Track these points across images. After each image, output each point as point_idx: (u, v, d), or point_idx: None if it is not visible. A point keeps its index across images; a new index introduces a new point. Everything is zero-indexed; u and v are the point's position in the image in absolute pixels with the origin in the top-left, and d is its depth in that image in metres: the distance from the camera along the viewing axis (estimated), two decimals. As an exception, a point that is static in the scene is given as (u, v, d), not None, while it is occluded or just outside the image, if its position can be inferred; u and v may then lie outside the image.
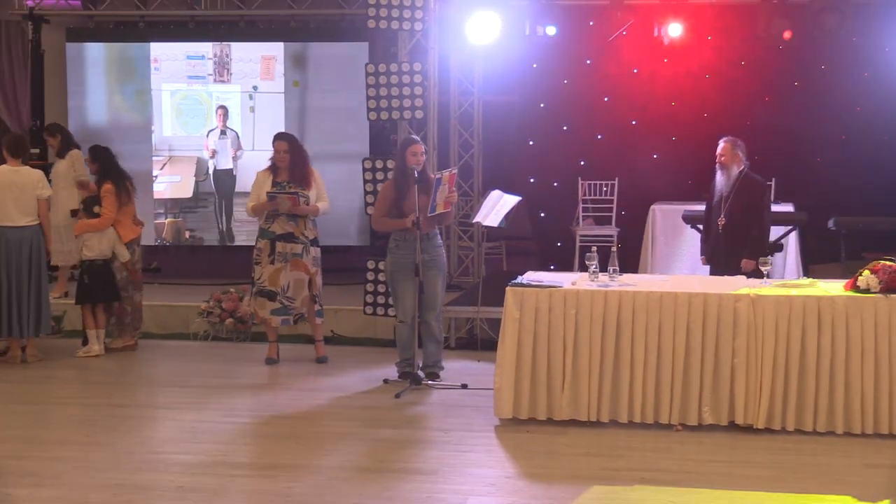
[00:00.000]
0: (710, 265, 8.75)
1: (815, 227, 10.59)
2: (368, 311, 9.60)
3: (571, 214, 12.22)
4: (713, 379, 6.76)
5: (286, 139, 8.87)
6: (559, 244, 12.61)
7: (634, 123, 12.68)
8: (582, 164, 12.54)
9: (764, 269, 7.20)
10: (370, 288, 9.53)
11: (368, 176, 9.63)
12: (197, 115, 12.54)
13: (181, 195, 12.52)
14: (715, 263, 8.58)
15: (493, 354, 7.20)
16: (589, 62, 12.58)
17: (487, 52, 11.09)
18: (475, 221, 9.39)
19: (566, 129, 12.72)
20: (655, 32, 10.48)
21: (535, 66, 12.39)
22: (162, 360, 9.17)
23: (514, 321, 6.91)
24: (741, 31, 11.08)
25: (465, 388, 7.92)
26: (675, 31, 10.32)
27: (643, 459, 6.22)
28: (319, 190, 8.81)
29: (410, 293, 7.98)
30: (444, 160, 11.26)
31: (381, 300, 9.47)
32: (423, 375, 8.01)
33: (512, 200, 8.61)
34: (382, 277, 9.23)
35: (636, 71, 12.56)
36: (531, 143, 12.88)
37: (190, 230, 12.57)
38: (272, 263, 8.69)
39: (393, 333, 8.70)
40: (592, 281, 7.15)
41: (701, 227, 10.15)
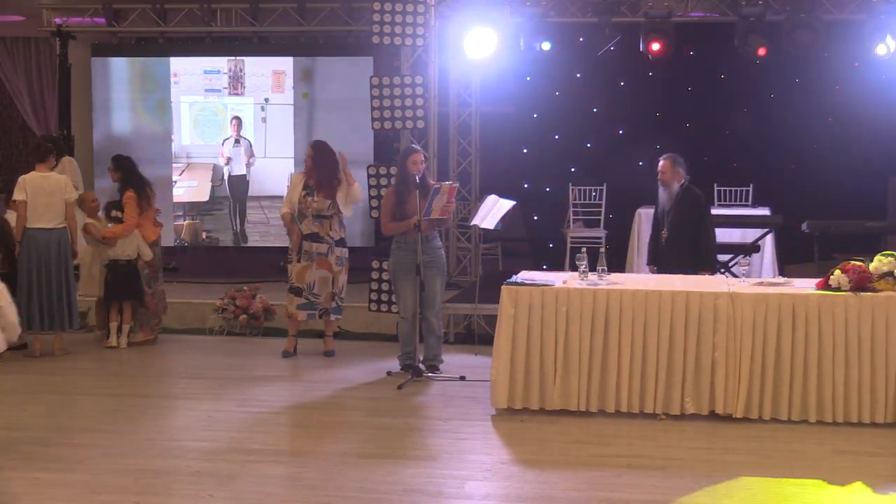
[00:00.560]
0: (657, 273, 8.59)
1: (789, 229, 10.60)
2: (373, 307, 9.59)
3: (562, 217, 12.22)
4: (695, 371, 6.76)
5: (312, 146, 8.91)
6: (551, 245, 12.61)
7: (621, 133, 12.68)
8: (572, 170, 12.55)
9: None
10: (374, 286, 9.52)
11: (373, 182, 9.63)
12: (213, 125, 12.56)
13: (198, 199, 12.55)
14: (661, 272, 8.39)
15: (489, 348, 7.22)
16: (579, 75, 12.57)
17: (484, 66, 11.09)
18: (473, 224, 9.38)
19: (558, 137, 12.72)
20: (641, 48, 10.46)
21: (528, 79, 12.38)
22: (180, 353, 9.17)
23: (509, 317, 6.90)
24: (721, 46, 11.07)
25: (463, 379, 7.92)
26: (656, 48, 10.31)
27: (629, 446, 6.21)
28: (347, 195, 8.66)
29: (412, 291, 7.98)
30: (443, 167, 11.26)
31: (384, 298, 9.46)
32: (423, 368, 8.01)
33: (507, 204, 8.62)
34: (386, 276, 9.22)
35: (623, 84, 12.56)
36: (525, 150, 12.87)
37: (206, 231, 12.59)
38: (300, 262, 8.71)
39: (396, 329, 8.69)
40: (582, 280, 7.15)
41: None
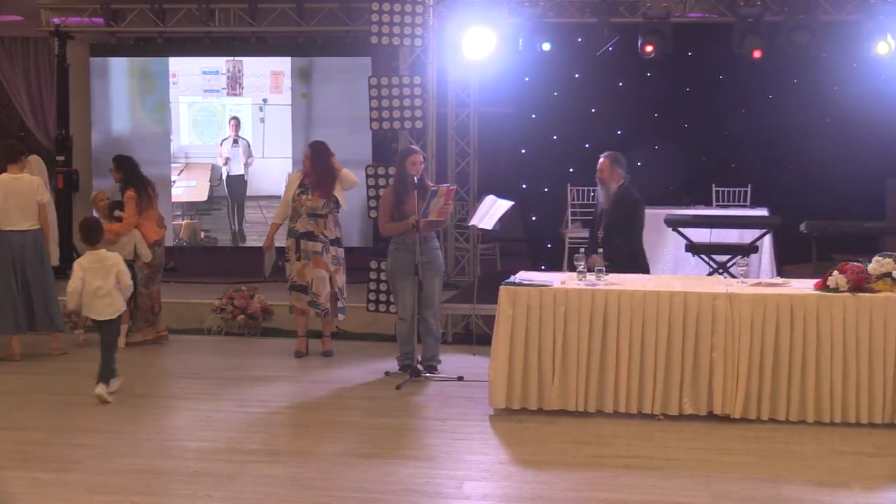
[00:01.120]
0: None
1: (788, 230, 10.59)
2: (371, 308, 9.59)
3: (561, 218, 12.21)
4: (693, 372, 6.76)
5: (311, 146, 8.95)
6: (549, 246, 12.60)
7: (620, 133, 12.66)
8: (571, 170, 12.52)
9: None
10: (373, 286, 9.52)
11: (371, 182, 9.63)
12: (211, 125, 12.56)
13: (197, 199, 12.55)
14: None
15: (487, 349, 7.21)
16: (578, 76, 12.57)
17: (483, 66, 11.08)
18: (471, 224, 9.38)
19: (556, 138, 12.71)
20: (639, 49, 10.45)
21: (527, 79, 12.38)
22: (178, 353, 9.16)
23: (507, 318, 6.90)
24: (719, 47, 11.07)
25: (461, 380, 7.92)
26: (650, 50, 10.30)
27: (627, 447, 6.22)
28: (342, 186, 8.74)
29: (410, 291, 7.98)
30: (442, 167, 11.25)
31: (383, 298, 9.46)
32: (422, 368, 8.00)
33: (505, 205, 8.61)
34: (384, 276, 9.21)
35: (621, 84, 12.55)
36: (523, 151, 12.87)
37: (205, 231, 12.59)
38: (298, 260, 8.71)
39: (394, 329, 8.68)
40: (580, 280, 7.15)
41: (682, 230, 10.22)
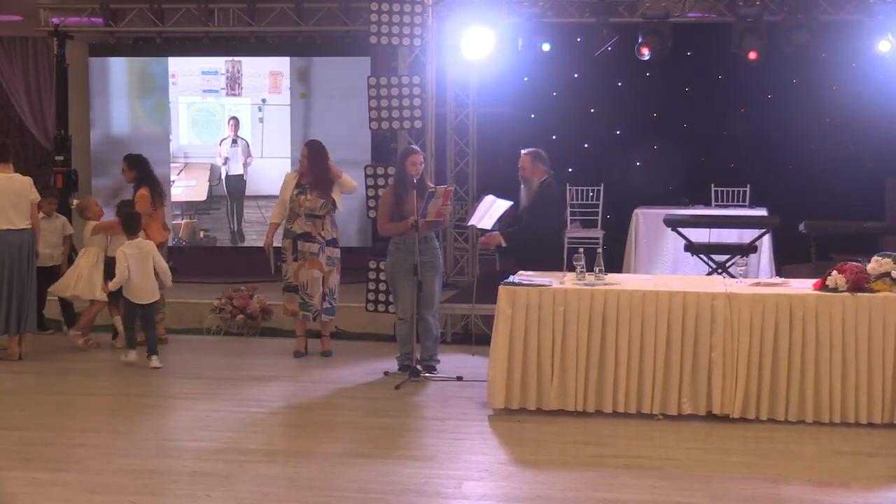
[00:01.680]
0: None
1: (787, 230, 10.59)
2: (370, 308, 9.58)
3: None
4: (692, 371, 6.75)
5: (307, 146, 8.93)
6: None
7: (619, 133, 12.67)
8: (570, 170, 12.52)
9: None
10: (371, 286, 9.52)
11: (370, 182, 9.62)
12: (211, 125, 12.56)
13: (196, 198, 12.56)
14: (518, 267, 8.07)
15: (486, 349, 7.21)
16: (577, 76, 12.56)
17: (482, 66, 11.08)
18: (470, 224, 9.36)
19: (555, 138, 12.69)
20: (636, 51, 10.43)
21: (526, 79, 12.38)
22: (177, 353, 9.14)
23: (506, 318, 6.90)
24: (718, 47, 11.06)
25: (460, 380, 7.90)
26: (645, 52, 10.29)
27: (627, 447, 6.21)
28: (341, 190, 8.76)
29: (409, 292, 7.97)
30: (441, 167, 11.24)
31: (381, 298, 9.46)
32: (420, 368, 8.00)
33: (504, 205, 8.59)
34: (383, 276, 9.22)
35: (620, 84, 12.55)
36: (522, 151, 12.84)
37: (204, 230, 12.59)
38: (295, 261, 8.70)
39: (393, 329, 8.68)
40: (579, 280, 7.14)
41: (681, 230, 10.22)
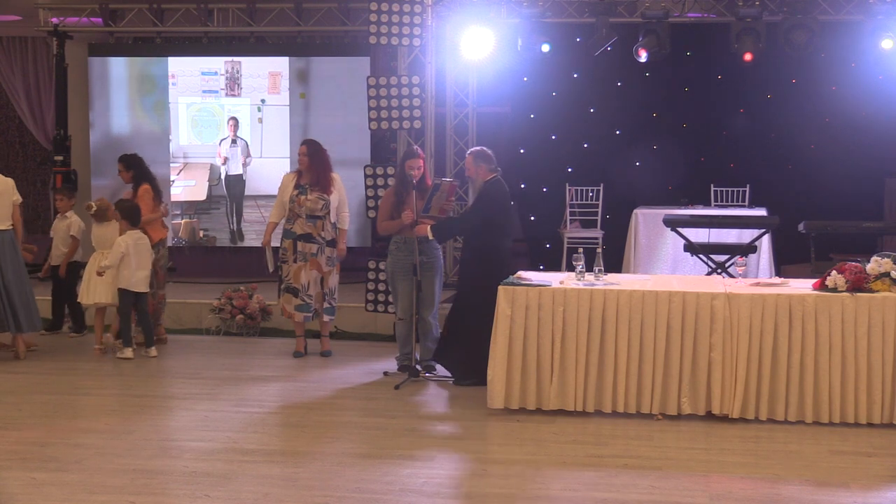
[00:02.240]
0: None
1: (786, 230, 10.59)
2: (370, 308, 9.59)
3: (559, 218, 12.20)
4: (691, 371, 6.76)
5: (307, 144, 8.88)
6: (548, 246, 12.58)
7: (618, 133, 12.65)
8: (569, 170, 12.52)
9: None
10: (371, 286, 9.52)
11: (370, 182, 9.63)
12: (210, 125, 12.56)
13: (196, 198, 12.56)
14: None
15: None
16: (576, 76, 12.55)
17: (481, 66, 11.08)
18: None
19: (555, 138, 12.69)
20: (634, 53, 10.41)
21: (525, 79, 12.36)
22: (177, 353, 9.14)
23: (506, 318, 6.90)
24: (718, 47, 11.06)
25: (460, 379, 7.91)
26: (643, 54, 10.26)
27: (626, 447, 6.21)
28: (341, 196, 8.74)
29: (408, 292, 7.98)
30: (440, 168, 11.24)
31: (381, 298, 9.46)
32: (420, 368, 8.00)
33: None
34: (383, 277, 9.23)
35: (620, 84, 12.54)
36: (522, 151, 12.85)
37: (204, 230, 12.60)
38: (295, 262, 8.70)
39: (393, 329, 8.68)
40: (579, 280, 7.14)
41: (681, 230, 10.21)
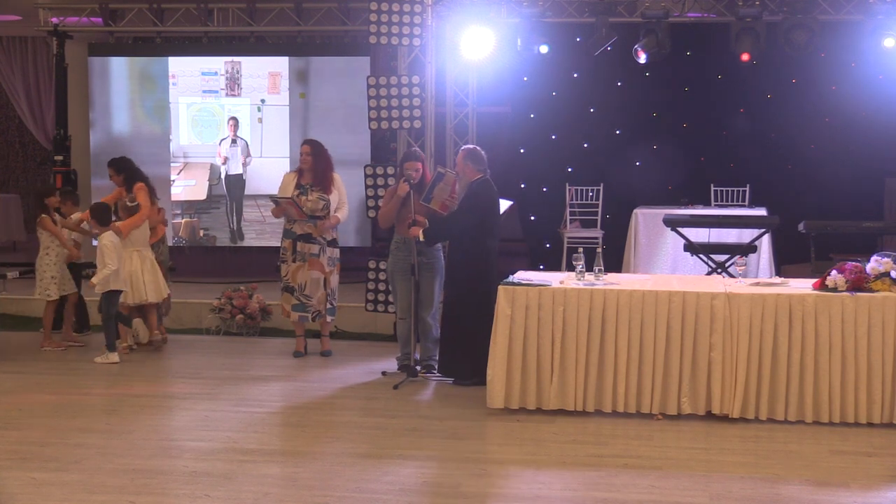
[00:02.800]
0: None
1: (786, 229, 10.59)
2: (370, 308, 9.58)
3: (559, 218, 12.20)
4: (691, 371, 6.76)
5: (310, 143, 8.89)
6: (548, 245, 12.59)
7: (618, 133, 12.65)
8: (569, 170, 12.52)
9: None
10: (371, 286, 9.52)
11: (370, 181, 9.62)
12: (210, 125, 12.56)
13: (196, 197, 12.57)
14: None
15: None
16: (576, 76, 12.55)
17: (481, 66, 11.06)
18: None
19: (555, 138, 12.69)
20: (633, 54, 10.40)
21: (525, 79, 12.36)
22: (176, 353, 9.15)
23: (506, 317, 6.90)
24: (718, 47, 11.05)
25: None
26: (642, 55, 10.22)
27: (626, 446, 6.21)
28: (341, 195, 8.78)
29: (407, 292, 7.98)
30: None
31: (381, 298, 9.45)
32: (419, 368, 8.00)
33: (504, 205, 8.61)
34: (383, 277, 9.23)
35: (620, 84, 12.54)
36: (522, 151, 12.85)
37: (204, 229, 12.60)
38: (294, 262, 8.69)
39: (393, 329, 8.68)
40: (579, 280, 7.14)
41: (681, 230, 10.21)
